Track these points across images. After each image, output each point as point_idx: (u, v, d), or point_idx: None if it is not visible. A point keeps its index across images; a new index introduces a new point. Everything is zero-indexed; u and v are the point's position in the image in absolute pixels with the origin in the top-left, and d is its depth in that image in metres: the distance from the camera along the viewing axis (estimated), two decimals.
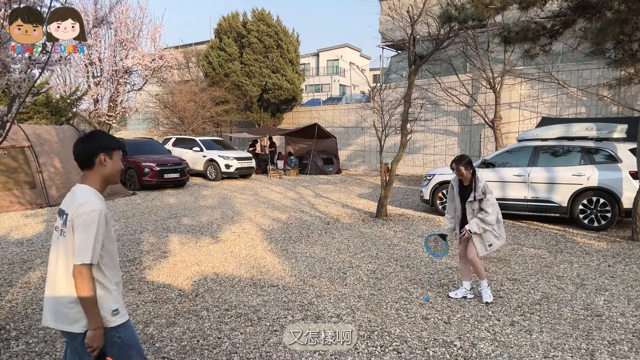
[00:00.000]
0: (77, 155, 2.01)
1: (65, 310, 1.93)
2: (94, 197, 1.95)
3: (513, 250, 6.29)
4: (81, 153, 2.00)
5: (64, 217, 1.95)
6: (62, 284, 1.93)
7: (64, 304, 1.93)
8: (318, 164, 18.36)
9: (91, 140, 2.01)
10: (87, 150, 1.98)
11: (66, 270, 1.92)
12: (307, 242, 6.78)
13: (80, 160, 2.00)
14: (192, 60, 25.14)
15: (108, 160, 2.01)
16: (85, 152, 1.99)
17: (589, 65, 13.23)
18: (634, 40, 7.26)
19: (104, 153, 2.00)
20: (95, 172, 2.01)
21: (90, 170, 2.00)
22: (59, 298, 1.94)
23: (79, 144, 2.01)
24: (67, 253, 1.93)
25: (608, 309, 4.12)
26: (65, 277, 1.93)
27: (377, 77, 30.09)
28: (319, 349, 3.34)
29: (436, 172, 9.37)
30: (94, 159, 1.98)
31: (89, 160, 1.99)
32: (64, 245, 1.94)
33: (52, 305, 1.97)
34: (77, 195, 1.97)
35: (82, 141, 2.02)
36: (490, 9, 7.29)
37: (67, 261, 1.92)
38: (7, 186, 9.39)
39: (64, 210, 1.97)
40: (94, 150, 1.98)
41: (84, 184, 2.01)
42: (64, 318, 1.94)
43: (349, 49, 40.85)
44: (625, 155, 7.36)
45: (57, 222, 2.02)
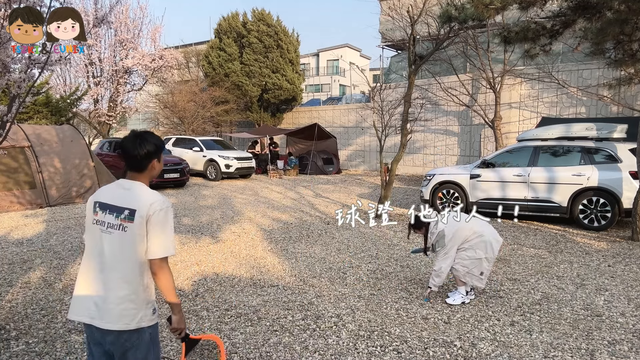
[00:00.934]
0: (129, 158, 2.00)
1: (116, 308, 1.91)
2: (158, 195, 2.00)
3: (513, 250, 6.30)
4: (135, 158, 1.99)
5: (124, 212, 1.92)
6: (117, 281, 1.92)
7: (115, 302, 1.91)
8: (318, 164, 18.36)
9: (145, 146, 1.99)
10: (142, 156, 1.99)
11: (126, 267, 1.93)
12: (307, 242, 6.78)
13: (134, 164, 2.01)
14: (192, 60, 25.15)
15: (157, 164, 2.07)
16: (140, 157, 1.99)
17: (589, 65, 13.23)
18: (634, 40, 7.26)
19: (157, 159, 2.05)
20: (145, 175, 2.05)
21: (141, 173, 2.03)
22: (111, 296, 1.92)
23: (134, 148, 1.98)
24: (132, 249, 1.92)
25: (608, 309, 4.12)
26: (123, 274, 1.92)
27: (377, 77, 30.09)
28: (319, 349, 3.34)
29: (436, 172, 9.37)
30: (147, 164, 2.02)
31: (143, 166, 2.01)
32: (126, 242, 1.92)
33: (98, 302, 1.93)
34: (138, 192, 1.97)
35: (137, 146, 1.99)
36: (490, 9, 7.29)
37: (131, 257, 1.92)
38: (7, 186, 9.38)
39: (121, 206, 1.94)
40: (148, 156, 2.01)
41: (137, 181, 2.02)
42: (111, 316, 1.91)
43: (349, 49, 40.85)
44: (625, 155, 7.36)
45: (103, 217, 1.96)
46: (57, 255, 5.96)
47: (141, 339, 1.98)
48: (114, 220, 1.94)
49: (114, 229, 1.93)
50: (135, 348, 1.96)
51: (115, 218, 1.93)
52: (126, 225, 1.92)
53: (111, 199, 1.98)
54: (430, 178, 9.27)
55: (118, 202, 1.96)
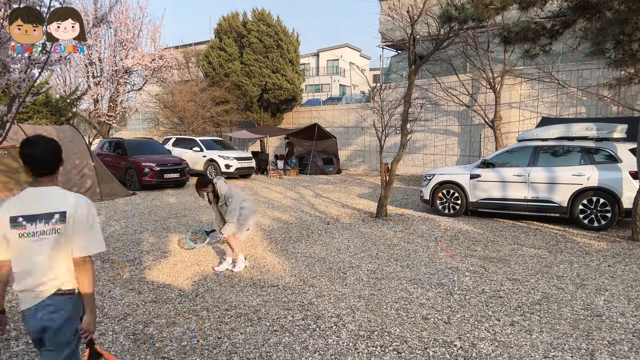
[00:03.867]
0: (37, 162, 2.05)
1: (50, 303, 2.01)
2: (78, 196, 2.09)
3: (513, 250, 6.29)
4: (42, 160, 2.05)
5: (54, 216, 2.00)
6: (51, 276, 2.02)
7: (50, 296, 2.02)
8: (318, 164, 18.36)
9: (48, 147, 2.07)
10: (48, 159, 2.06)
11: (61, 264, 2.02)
12: (307, 242, 6.78)
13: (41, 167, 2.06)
14: (192, 60, 25.13)
15: (61, 167, 2.14)
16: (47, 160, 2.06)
17: (589, 65, 13.22)
18: (634, 40, 7.26)
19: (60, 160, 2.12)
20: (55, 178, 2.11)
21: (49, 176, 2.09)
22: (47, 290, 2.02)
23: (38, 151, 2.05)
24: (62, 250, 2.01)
25: (608, 309, 4.12)
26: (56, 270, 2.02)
27: (377, 77, 30.09)
28: (319, 349, 3.34)
29: (436, 172, 9.37)
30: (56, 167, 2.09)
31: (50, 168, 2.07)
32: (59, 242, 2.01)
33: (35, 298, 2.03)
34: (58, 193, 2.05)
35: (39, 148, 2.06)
36: (490, 9, 7.29)
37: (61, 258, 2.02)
38: (7, 186, 9.39)
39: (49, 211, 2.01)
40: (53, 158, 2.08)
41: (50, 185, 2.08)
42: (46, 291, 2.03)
43: (349, 49, 40.83)
44: (625, 155, 7.36)
45: (32, 228, 2.01)
46: None
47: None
48: (47, 227, 2.00)
49: (49, 234, 2.01)
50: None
51: (48, 224, 2.00)
52: (59, 227, 2.00)
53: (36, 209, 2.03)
54: (430, 178, 9.27)
55: (44, 209, 2.02)
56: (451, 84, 14.95)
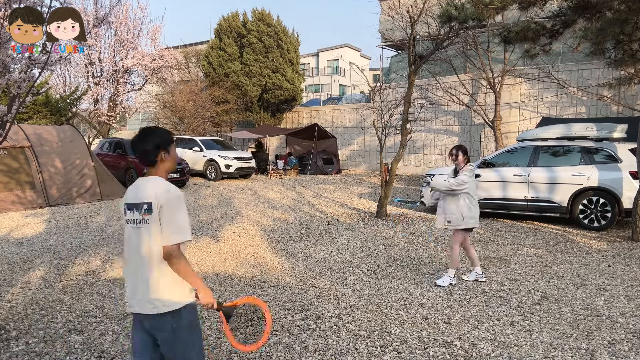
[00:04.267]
0: (138, 154, 2.09)
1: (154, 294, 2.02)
2: (168, 185, 2.05)
3: (513, 250, 6.29)
4: (142, 152, 2.07)
5: (143, 207, 2.01)
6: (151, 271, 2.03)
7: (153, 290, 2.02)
8: (318, 164, 18.36)
9: (148, 139, 2.07)
10: (147, 150, 2.06)
11: (155, 258, 2.02)
12: (307, 242, 6.78)
13: (142, 158, 2.09)
14: (192, 60, 25.13)
15: (167, 156, 2.11)
16: (146, 151, 2.06)
17: (589, 65, 13.22)
18: (634, 40, 7.26)
19: (164, 151, 2.09)
20: (158, 168, 2.11)
21: (153, 167, 2.10)
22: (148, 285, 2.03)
23: (138, 143, 2.07)
24: (154, 240, 2.00)
25: (608, 309, 4.12)
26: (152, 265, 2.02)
27: (377, 77, 30.09)
28: (319, 349, 3.34)
29: (436, 172, 9.36)
30: (154, 157, 2.07)
31: (150, 159, 2.07)
32: (151, 232, 2.01)
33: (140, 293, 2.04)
34: (152, 184, 2.04)
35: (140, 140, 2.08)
36: (490, 9, 7.29)
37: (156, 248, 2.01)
38: (8, 186, 9.39)
39: (139, 202, 2.02)
40: (153, 149, 2.06)
41: (152, 176, 2.09)
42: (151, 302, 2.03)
43: (349, 49, 40.83)
44: (625, 155, 7.36)
45: (131, 216, 2.06)
46: (57, 255, 5.96)
47: (180, 321, 2.06)
48: (141, 215, 2.03)
49: (143, 222, 2.03)
50: (174, 331, 2.06)
51: (145, 212, 2.02)
52: (148, 217, 2.01)
53: (132, 198, 2.08)
54: (431, 178, 9.26)
55: (136, 200, 2.05)
56: (451, 84, 14.95)
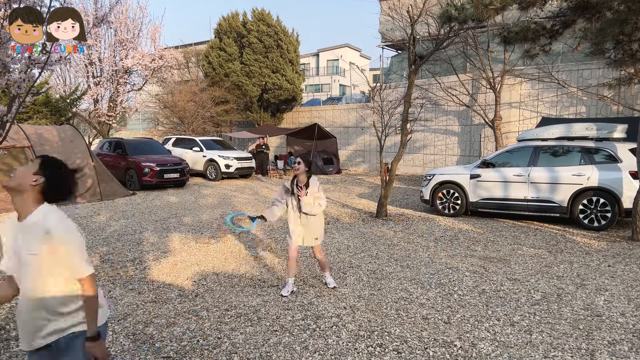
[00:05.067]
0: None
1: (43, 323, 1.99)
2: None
3: (513, 250, 6.29)
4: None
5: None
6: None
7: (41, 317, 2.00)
8: (318, 164, 18.36)
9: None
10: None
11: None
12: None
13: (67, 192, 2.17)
14: (192, 60, 25.13)
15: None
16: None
17: (589, 65, 13.22)
18: (634, 40, 7.26)
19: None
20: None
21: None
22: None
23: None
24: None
25: (608, 309, 4.12)
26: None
27: (377, 77, 30.09)
28: (319, 349, 3.34)
29: (436, 172, 9.37)
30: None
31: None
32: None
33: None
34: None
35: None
36: (490, 9, 7.29)
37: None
38: None
39: None
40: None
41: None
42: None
43: (349, 49, 40.83)
44: (625, 155, 7.36)
45: None
46: None
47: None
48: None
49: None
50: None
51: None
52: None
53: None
54: (430, 178, 9.27)
55: None
56: (451, 84, 14.95)
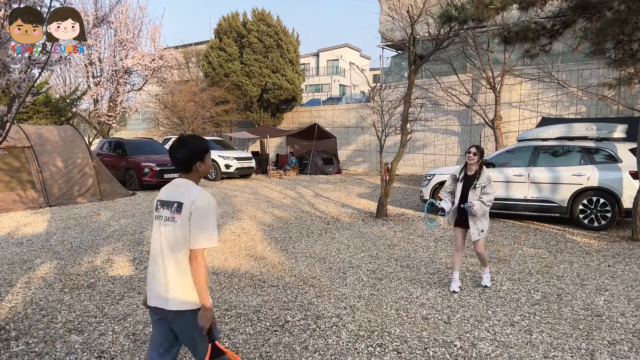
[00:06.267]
0: (175, 162, 2.24)
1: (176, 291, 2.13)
2: (202, 192, 2.16)
3: (513, 250, 6.29)
4: (179, 160, 2.21)
5: (174, 205, 2.15)
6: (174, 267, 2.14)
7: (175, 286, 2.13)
8: (318, 164, 18.36)
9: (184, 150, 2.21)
10: (184, 159, 2.21)
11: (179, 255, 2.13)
12: (307, 242, 6.78)
13: (178, 165, 2.23)
14: (192, 60, 25.13)
15: (202, 165, 2.25)
16: (183, 160, 2.21)
17: (589, 65, 13.22)
18: (634, 40, 7.26)
19: (199, 161, 2.23)
20: (192, 175, 2.24)
21: (188, 173, 2.24)
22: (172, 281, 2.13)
23: (175, 152, 2.21)
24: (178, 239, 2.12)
25: (608, 309, 4.12)
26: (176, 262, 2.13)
27: (377, 77, 30.09)
28: (319, 349, 3.34)
29: (436, 172, 9.37)
30: (191, 166, 2.22)
31: (188, 166, 2.22)
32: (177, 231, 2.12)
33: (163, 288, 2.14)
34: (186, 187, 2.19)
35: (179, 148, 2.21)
36: (490, 9, 7.29)
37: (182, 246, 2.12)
38: (9, 185, 9.40)
39: (174, 200, 2.17)
40: (189, 159, 2.21)
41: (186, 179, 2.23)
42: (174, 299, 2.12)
43: (349, 49, 40.83)
44: (626, 155, 7.36)
45: (162, 212, 2.20)
46: (57, 255, 5.96)
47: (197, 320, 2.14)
48: (168, 213, 2.17)
49: (169, 221, 2.16)
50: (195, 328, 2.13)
51: (169, 211, 2.17)
52: (176, 216, 2.13)
53: (166, 196, 2.24)
54: (430, 178, 9.26)
55: (170, 198, 2.20)
56: (451, 83, 14.95)
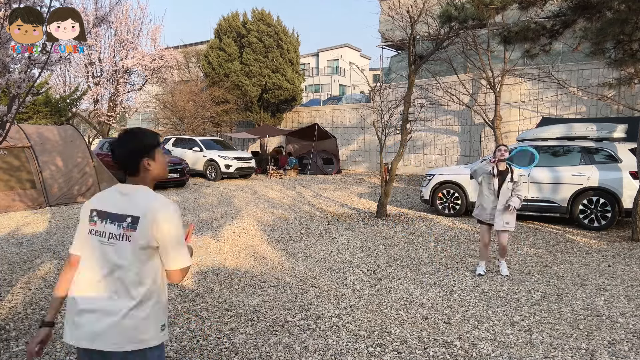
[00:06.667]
0: (119, 162, 1.79)
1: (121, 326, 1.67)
2: (161, 199, 1.76)
3: (513, 250, 6.29)
4: (120, 160, 1.79)
5: (126, 220, 1.70)
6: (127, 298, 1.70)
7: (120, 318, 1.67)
8: (318, 164, 18.36)
9: (128, 144, 1.77)
10: (126, 156, 1.77)
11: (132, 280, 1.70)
12: (307, 242, 6.78)
13: (122, 165, 1.79)
14: (192, 60, 25.14)
15: (152, 164, 1.81)
16: (123, 159, 1.78)
17: (589, 65, 13.22)
18: (634, 40, 7.25)
19: (147, 157, 1.79)
20: (142, 177, 1.81)
21: (136, 176, 1.80)
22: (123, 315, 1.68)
23: (118, 149, 1.78)
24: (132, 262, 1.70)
25: (608, 309, 4.12)
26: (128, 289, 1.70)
27: (377, 77, 30.09)
28: (319, 349, 3.34)
29: (436, 172, 9.37)
30: (136, 165, 1.78)
31: (132, 167, 1.78)
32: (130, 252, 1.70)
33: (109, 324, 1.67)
34: (141, 195, 1.75)
35: (119, 146, 1.78)
36: (490, 8, 7.29)
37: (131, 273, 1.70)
38: (9, 185, 9.41)
39: (121, 213, 1.71)
40: (133, 156, 1.77)
41: (137, 184, 1.80)
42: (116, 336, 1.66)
43: (349, 49, 40.83)
44: (625, 155, 7.36)
45: (103, 227, 1.73)
46: (57, 255, 5.96)
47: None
48: (115, 230, 1.71)
49: (116, 239, 1.71)
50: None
51: (117, 227, 1.71)
52: (129, 234, 1.69)
53: (109, 206, 1.75)
54: (430, 178, 9.26)
55: (118, 210, 1.73)
56: (451, 83, 14.94)
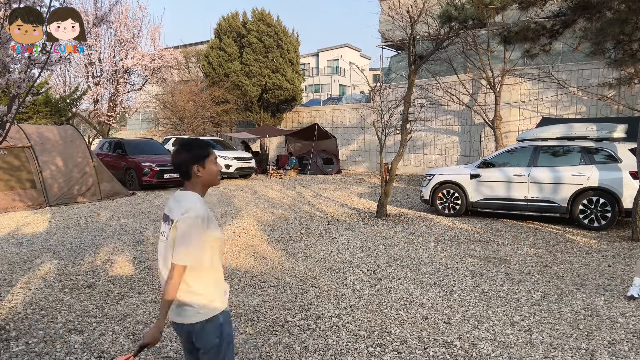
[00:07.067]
0: (175, 167, 2.10)
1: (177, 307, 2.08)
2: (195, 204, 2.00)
3: (513, 250, 6.29)
4: (176, 166, 2.09)
5: (168, 221, 2.05)
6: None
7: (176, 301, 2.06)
8: (318, 164, 18.36)
9: (180, 154, 2.08)
10: (179, 164, 2.07)
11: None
12: (307, 242, 6.78)
13: (179, 172, 2.10)
14: (192, 60, 25.14)
15: (202, 170, 2.07)
16: (180, 165, 2.07)
17: (589, 65, 13.22)
18: (634, 40, 7.26)
19: (197, 164, 2.06)
20: (193, 182, 2.09)
21: (188, 181, 2.09)
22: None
23: (174, 157, 2.09)
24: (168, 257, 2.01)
25: (608, 309, 4.12)
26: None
27: (377, 77, 30.09)
28: (319, 349, 3.34)
29: (436, 172, 9.36)
30: (188, 172, 2.06)
31: (184, 173, 2.07)
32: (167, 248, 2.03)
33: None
34: (184, 199, 2.04)
35: (175, 154, 2.09)
36: (490, 8, 7.29)
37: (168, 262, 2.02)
38: (9, 184, 9.41)
39: (169, 215, 2.06)
40: (185, 163, 2.06)
41: (187, 190, 2.09)
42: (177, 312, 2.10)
43: (349, 49, 40.84)
44: (625, 155, 7.36)
45: (163, 227, 2.12)
46: (57, 255, 5.96)
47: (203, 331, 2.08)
48: (165, 228, 2.08)
49: (164, 236, 2.07)
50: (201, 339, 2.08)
51: (166, 226, 2.07)
52: (168, 232, 2.03)
53: (167, 210, 2.12)
54: (430, 178, 9.26)
55: (168, 212, 2.09)
56: (451, 83, 14.94)
